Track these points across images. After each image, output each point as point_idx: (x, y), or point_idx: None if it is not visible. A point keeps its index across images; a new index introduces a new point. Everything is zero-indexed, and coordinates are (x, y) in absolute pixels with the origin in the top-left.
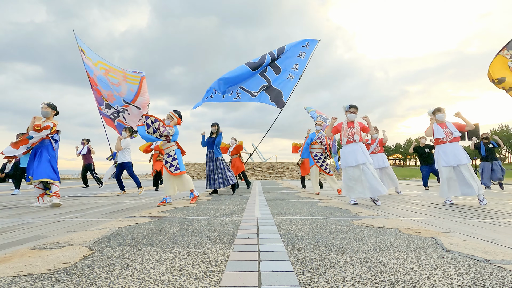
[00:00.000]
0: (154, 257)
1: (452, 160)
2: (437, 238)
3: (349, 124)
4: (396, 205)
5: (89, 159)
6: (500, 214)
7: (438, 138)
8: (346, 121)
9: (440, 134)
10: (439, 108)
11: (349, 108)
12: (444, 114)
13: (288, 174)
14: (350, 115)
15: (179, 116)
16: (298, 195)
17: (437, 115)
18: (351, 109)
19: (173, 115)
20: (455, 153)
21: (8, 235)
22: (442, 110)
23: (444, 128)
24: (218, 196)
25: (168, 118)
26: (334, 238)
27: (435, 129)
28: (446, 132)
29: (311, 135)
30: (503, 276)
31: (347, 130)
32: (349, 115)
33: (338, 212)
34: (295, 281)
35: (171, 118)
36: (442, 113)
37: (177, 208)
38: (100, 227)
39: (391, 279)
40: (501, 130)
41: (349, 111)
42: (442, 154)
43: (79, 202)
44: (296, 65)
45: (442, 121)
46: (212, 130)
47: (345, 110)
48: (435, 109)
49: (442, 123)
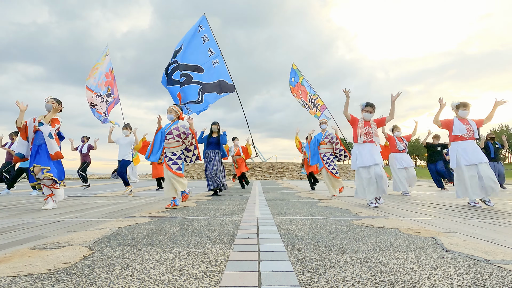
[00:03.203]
0: (154, 257)
1: (474, 158)
2: (437, 238)
3: (366, 123)
4: (396, 205)
5: (86, 157)
6: (500, 214)
7: (458, 134)
8: (362, 120)
9: (461, 130)
10: (465, 103)
11: (365, 106)
12: (468, 112)
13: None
14: (366, 115)
15: (181, 109)
16: (298, 195)
17: (460, 110)
18: (367, 108)
19: (176, 109)
20: (476, 151)
21: (8, 235)
22: (468, 106)
23: (466, 125)
24: (218, 196)
25: (171, 113)
26: (334, 238)
27: (456, 125)
28: (468, 129)
29: (316, 136)
30: (503, 276)
31: (364, 129)
32: (365, 114)
33: (338, 212)
34: (295, 281)
35: (174, 112)
36: (467, 110)
37: (177, 208)
38: (100, 227)
39: (391, 279)
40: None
41: (365, 110)
42: (462, 152)
43: (79, 202)
44: (209, 49)
45: (464, 118)
46: (213, 129)
47: (362, 109)
48: (460, 104)
49: (464, 119)
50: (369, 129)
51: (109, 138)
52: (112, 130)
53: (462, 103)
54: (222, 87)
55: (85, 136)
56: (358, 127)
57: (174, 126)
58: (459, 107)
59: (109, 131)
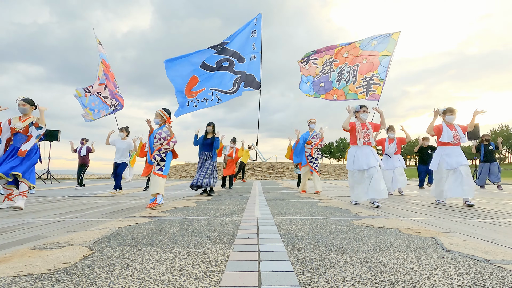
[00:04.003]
0: (154, 257)
1: (455, 163)
2: (437, 238)
3: (363, 126)
4: (396, 205)
5: (85, 159)
6: (500, 214)
7: (445, 141)
8: (358, 122)
9: (449, 137)
10: (452, 109)
11: (360, 108)
12: (454, 117)
13: (288, 174)
14: (363, 115)
15: (169, 114)
16: (298, 195)
17: (447, 116)
18: (363, 109)
19: (163, 114)
20: (458, 156)
21: (8, 235)
22: (454, 112)
23: (453, 131)
24: (218, 196)
25: (157, 117)
26: (334, 238)
27: (444, 131)
28: (455, 136)
29: (304, 135)
30: (503, 276)
31: (362, 132)
32: (362, 115)
33: (338, 212)
34: (295, 281)
35: (161, 117)
36: (453, 116)
37: (177, 208)
38: (100, 227)
39: (391, 279)
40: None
41: (361, 111)
42: (446, 157)
43: (79, 202)
44: (253, 44)
45: (451, 123)
46: (207, 130)
47: (356, 111)
48: (447, 109)
49: (451, 125)
50: (366, 131)
51: (107, 140)
52: (110, 133)
53: (448, 109)
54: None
55: (84, 138)
56: (357, 130)
57: (159, 130)
58: (446, 113)
59: (108, 134)
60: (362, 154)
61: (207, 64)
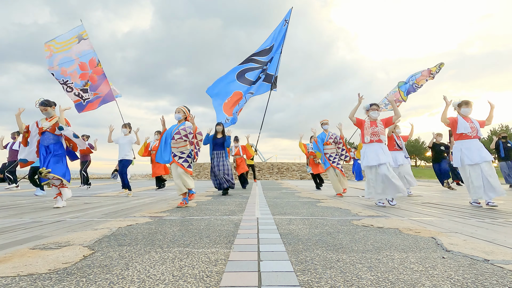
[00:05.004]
0: (154, 257)
1: (477, 157)
2: (437, 238)
3: (372, 123)
4: (396, 205)
5: (86, 156)
6: (500, 214)
7: (462, 132)
8: (368, 120)
9: (465, 128)
10: (467, 101)
11: (370, 106)
12: (471, 109)
13: (288, 174)
14: (373, 113)
15: (189, 111)
16: (298, 195)
17: (462, 108)
18: (373, 107)
19: (185, 110)
20: (479, 149)
21: (8, 235)
22: (470, 104)
23: (469, 123)
24: (218, 196)
25: (179, 112)
26: (334, 238)
27: (460, 123)
28: (472, 127)
29: (320, 135)
30: (503, 276)
31: (370, 129)
32: (372, 113)
33: (338, 212)
34: (295, 281)
35: (183, 112)
36: (469, 108)
37: (177, 208)
38: (100, 227)
39: (391, 279)
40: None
41: (371, 109)
42: (466, 151)
43: (79, 202)
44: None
45: (467, 116)
46: (217, 130)
47: (366, 110)
48: (462, 102)
49: (467, 117)
50: (375, 129)
51: (109, 138)
52: (112, 130)
53: (464, 101)
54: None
55: (85, 135)
56: (365, 127)
57: (182, 126)
58: (461, 106)
59: (109, 131)
60: (371, 150)
61: (247, 78)
